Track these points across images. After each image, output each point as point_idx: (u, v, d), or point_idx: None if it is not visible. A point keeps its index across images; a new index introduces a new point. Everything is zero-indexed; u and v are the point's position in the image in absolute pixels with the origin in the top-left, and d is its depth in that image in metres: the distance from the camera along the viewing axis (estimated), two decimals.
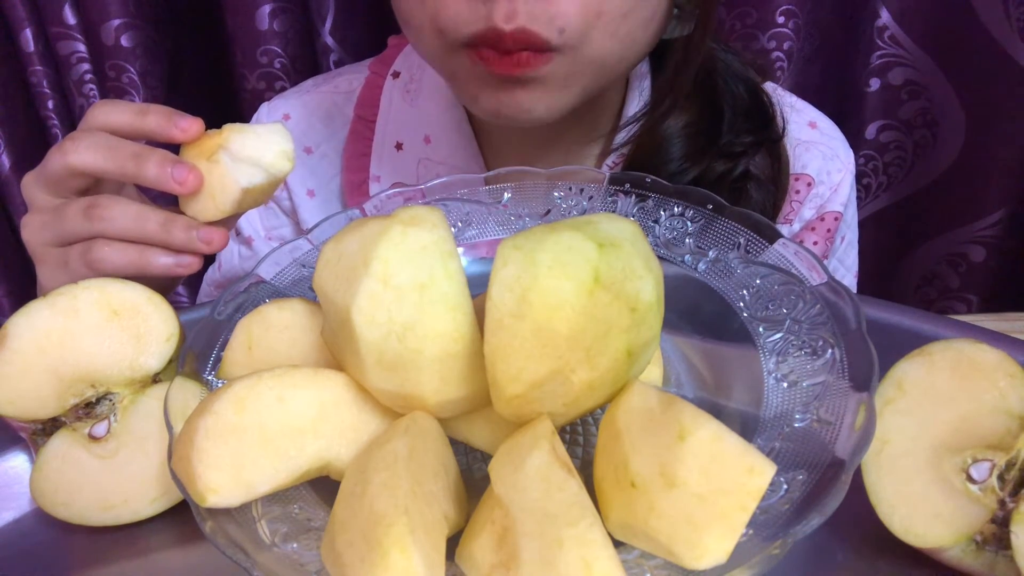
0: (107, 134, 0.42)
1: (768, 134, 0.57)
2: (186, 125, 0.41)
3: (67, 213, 0.43)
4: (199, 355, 0.35)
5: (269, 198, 0.45)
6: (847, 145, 0.63)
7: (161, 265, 0.42)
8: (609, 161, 0.59)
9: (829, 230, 0.62)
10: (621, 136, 0.58)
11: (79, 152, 0.41)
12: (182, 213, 0.41)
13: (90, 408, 0.35)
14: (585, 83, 0.47)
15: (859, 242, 0.67)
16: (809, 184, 0.61)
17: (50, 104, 0.90)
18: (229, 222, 0.44)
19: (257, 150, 0.40)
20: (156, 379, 0.36)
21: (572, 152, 0.60)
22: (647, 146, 0.56)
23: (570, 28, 0.43)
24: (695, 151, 0.55)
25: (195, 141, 0.41)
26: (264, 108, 0.68)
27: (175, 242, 0.41)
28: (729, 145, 0.56)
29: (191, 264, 0.43)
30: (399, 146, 0.64)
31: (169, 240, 0.41)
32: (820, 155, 0.61)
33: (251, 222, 0.68)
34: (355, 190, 0.65)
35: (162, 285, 0.53)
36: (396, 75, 0.65)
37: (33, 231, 0.45)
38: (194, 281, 0.70)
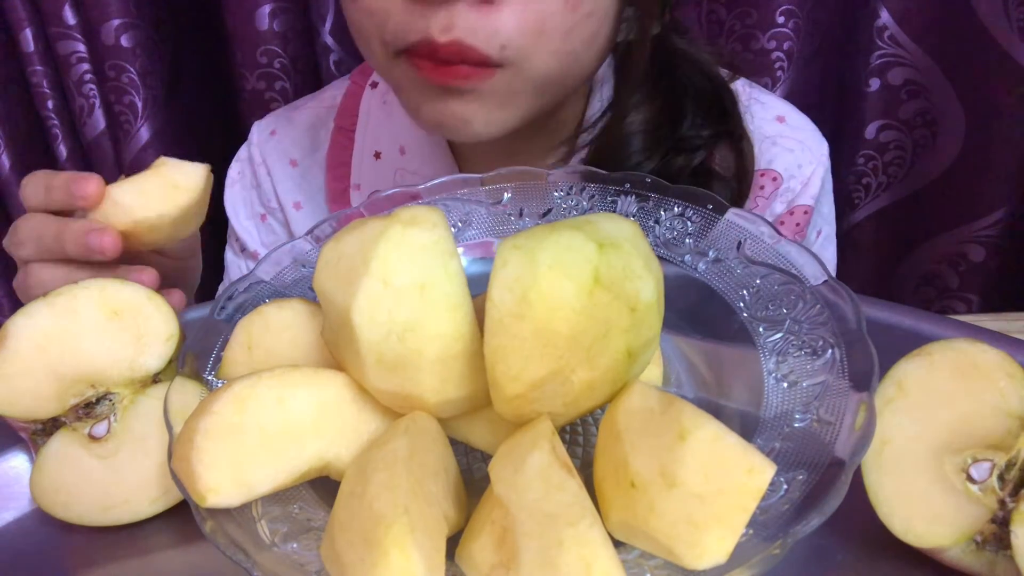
0: (38, 218, 0.42)
1: (726, 127, 0.56)
2: (86, 192, 0.40)
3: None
4: (199, 355, 0.35)
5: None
6: (819, 138, 0.62)
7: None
8: (574, 161, 0.59)
9: (799, 224, 0.61)
10: (584, 137, 0.58)
11: (22, 247, 0.43)
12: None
13: (90, 408, 0.35)
14: (526, 101, 0.47)
15: (859, 242, 0.66)
16: (775, 179, 0.61)
17: (50, 104, 0.90)
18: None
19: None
20: (156, 379, 0.36)
21: (540, 159, 0.60)
22: (609, 143, 0.56)
23: (512, 45, 0.43)
24: (653, 144, 0.55)
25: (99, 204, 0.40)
26: (255, 127, 0.69)
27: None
28: (688, 139, 0.55)
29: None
30: (377, 155, 0.64)
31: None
32: (788, 149, 0.61)
33: (252, 237, 0.68)
34: (337, 199, 0.65)
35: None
36: (374, 85, 0.66)
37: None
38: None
